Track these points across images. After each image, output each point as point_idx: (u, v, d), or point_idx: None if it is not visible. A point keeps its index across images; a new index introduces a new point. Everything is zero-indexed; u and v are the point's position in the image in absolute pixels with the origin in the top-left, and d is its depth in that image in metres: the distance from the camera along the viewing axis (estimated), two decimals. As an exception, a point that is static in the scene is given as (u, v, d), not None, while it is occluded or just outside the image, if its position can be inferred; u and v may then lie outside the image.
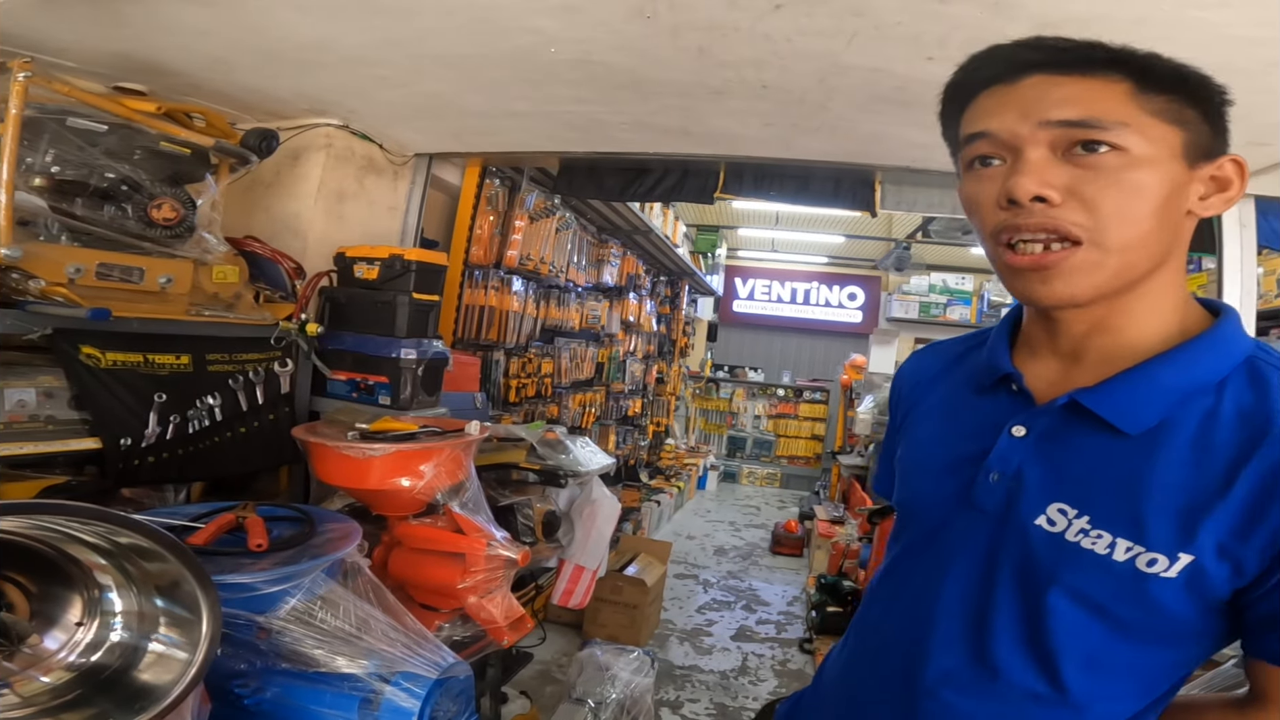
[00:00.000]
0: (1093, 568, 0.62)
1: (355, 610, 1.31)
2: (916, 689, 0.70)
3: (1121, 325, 0.66)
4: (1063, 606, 0.63)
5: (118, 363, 1.50)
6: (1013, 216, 0.62)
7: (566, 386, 4.12)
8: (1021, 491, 0.66)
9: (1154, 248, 0.62)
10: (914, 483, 0.78)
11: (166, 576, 0.91)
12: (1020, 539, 0.65)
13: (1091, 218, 0.60)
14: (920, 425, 0.81)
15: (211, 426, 1.69)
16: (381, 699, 1.24)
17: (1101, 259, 0.61)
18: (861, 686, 0.78)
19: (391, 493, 1.61)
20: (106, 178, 1.51)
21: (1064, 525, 0.64)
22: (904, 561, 0.77)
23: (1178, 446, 0.62)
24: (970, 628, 0.68)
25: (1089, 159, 0.60)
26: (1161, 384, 0.64)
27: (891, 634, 0.75)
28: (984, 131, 0.64)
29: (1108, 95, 0.60)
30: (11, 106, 1.35)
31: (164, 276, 1.65)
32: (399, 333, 2.09)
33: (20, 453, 1.29)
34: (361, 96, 2.22)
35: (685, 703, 2.80)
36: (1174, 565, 0.59)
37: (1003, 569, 0.66)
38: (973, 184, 0.66)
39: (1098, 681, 0.64)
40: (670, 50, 1.73)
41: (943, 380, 0.82)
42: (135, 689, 0.89)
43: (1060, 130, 0.60)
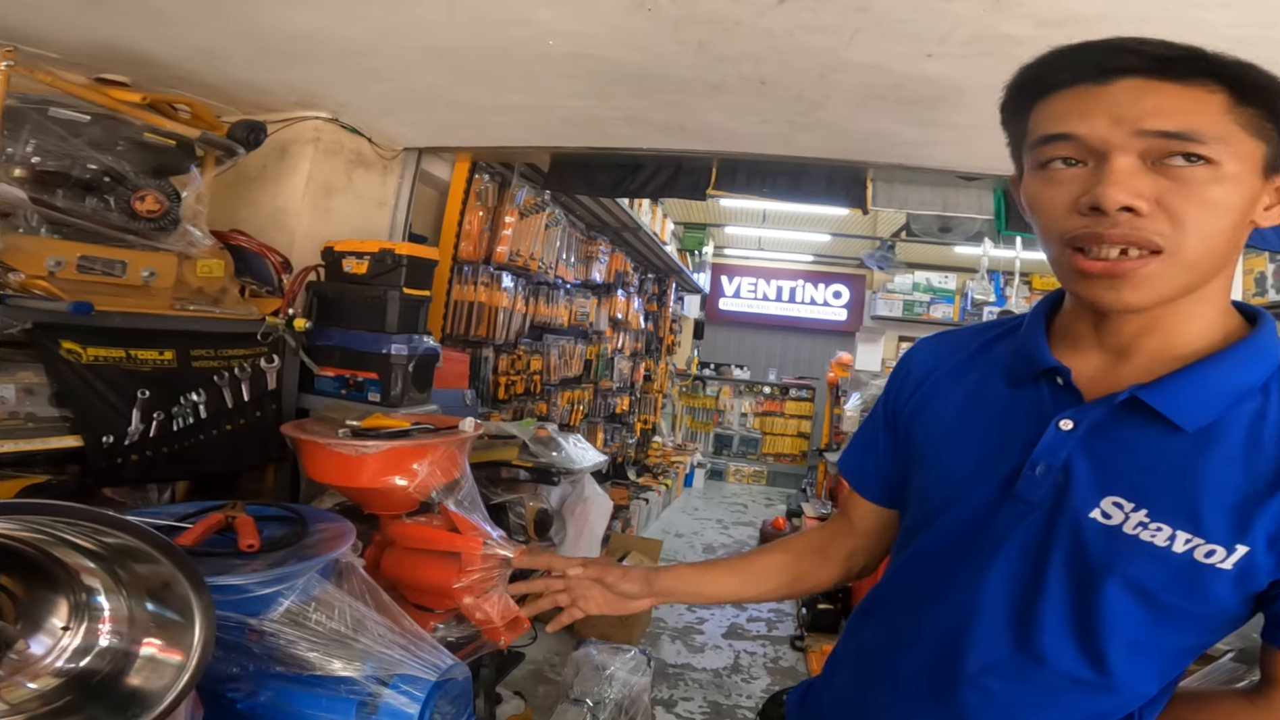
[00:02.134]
0: (1151, 559, 0.63)
1: (350, 611, 1.27)
2: (957, 677, 0.71)
3: (1174, 327, 0.67)
4: (1116, 596, 0.64)
5: (99, 358, 1.45)
6: (1094, 224, 0.61)
7: (555, 384, 4.09)
8: (1071, 485, 0.67)
9: (1221, 259, 0.63)
10: (946, 475, 0.77)
11: (157, 579, 0.87)
12: (1072, 531, 0.66)
13: (1175, 230, 0.59)
14: (945, 417, 0.79)
15: (196, 424, 1.65)
16: (380, 702, 1.21)
17: (1173, 273, 0.61)
18: (891, 675, 0.78)
19: (385, 491, 1.57)
20: (89, 169, 1.47)
21: (1121, 518, 0.65)
22: (937, 553, 0.76)
23: (1231, 445, 0.63)
24: (1016, 617, 0.69)
25: (1181, 171, 0.59)
26: (1217, 384, 0.65)
27: (927, 624, 0.75)
28: (1069, 134, 0.62)
29: (1206, 107, 0.58)
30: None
31: (147, 270, 1.60)
32: (389, 328, 2.05)
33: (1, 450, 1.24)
34: (352, 89, 2.18)
35: (679, 701, 2.79)
36: (1230, 557, 0.62)
37: (1053, 560, 0.67)
38: (1043, 185, 0.65)
39: (1137, 664, 0.66)
40: (671, 44, 1.71)
41: (968, 371, 0.80)
42: (126, 694, 0.86)
43: (1156, 141, 0.59)
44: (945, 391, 0.81)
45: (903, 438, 0.85)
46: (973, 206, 3.00)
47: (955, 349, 0.84)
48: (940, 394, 0.81)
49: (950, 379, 0.81)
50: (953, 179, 2.79)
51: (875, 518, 0.94)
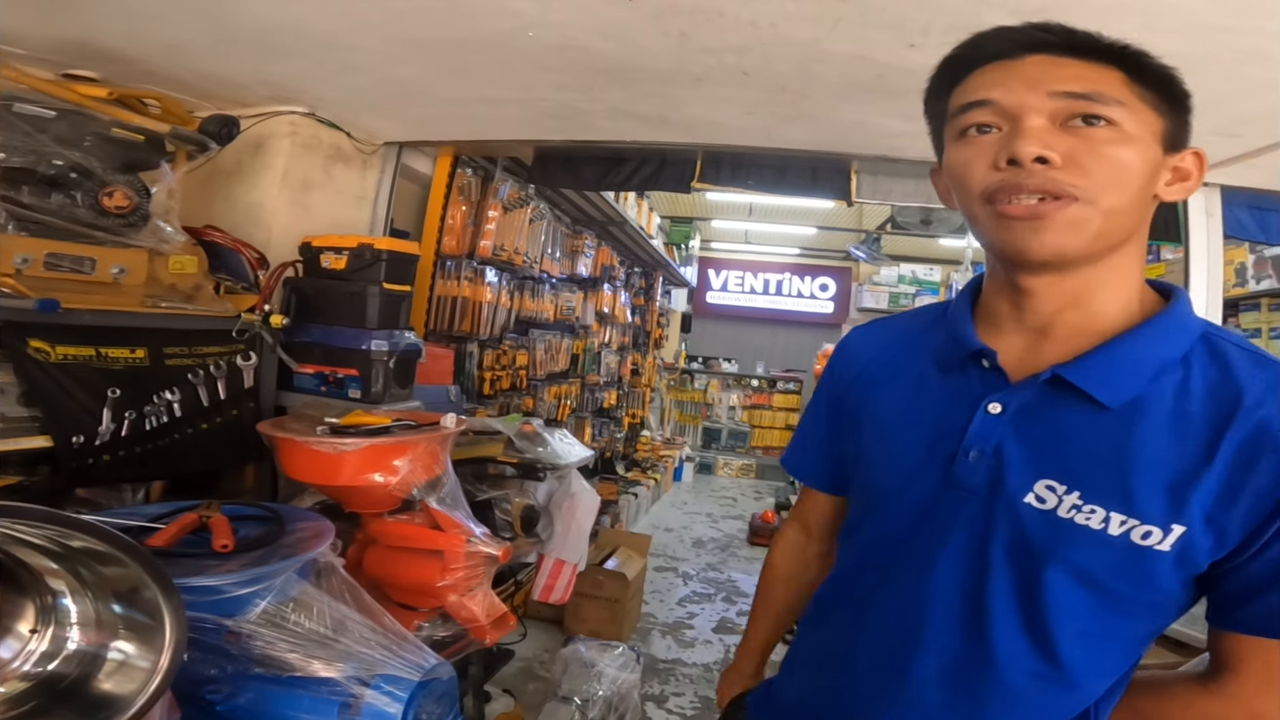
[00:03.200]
0: (1089, 543, 0.63)
1: (330, 612, 1.25)
2: (912, 673, 0.71)
3: (1091, 303, 0.68)
4: (1060, 583, 0.64)
5: (68, 357, 1.41)
6: (1012, 176, 0.64)
7: (542, 379, 4.07)
8: (1005, 469, 0.67)
9: (1131, 218, 0.66)
10: (888, 465, 0.77)
11: (124, 581, 0.85)
12: (1010, 517, 0.66)
13: (1086, 180, 0.63)
14: (887, 407, 0.80)
15: (170, 423, 1.61)
16: (362, 703, 1.19)
17: (1091, 216, 0.63)
18: (848, 672, 0.77)
19: (365, 489, 1.55)
20: (55, 165, 1.43)
21: (1054, 502, 0.65)
22: (883, 546, 0.76)
23: (1157, 419, 0.64)
24: (967, 608, 0.68)
25: (1086, 130, 0.63)
26: (1138, 358, 0.66)
27: (879, 619, 0.75)
28: (986, 100, 0.66)
29: (1107, 77, 0.64)
30: None
31: (117, 267, 1.57)
32: (369, 324, 2.02)
33: (-36, 453, 1.21)
34: (328, 83, 2.14)
35: (670, 696, 2.79)
36: (1167, 537, 0.62)
37: (995, 548, 0.67)
38: (964, 150, 0.68)
39: (1090, 654, 0.66)
40: (653, 35, 1.69)
41: (904, 359, 0.81)
42: (96, 698, 0.84)
43: (1064, 101, 0.63)
44: (884, 381, 0.81)
45: (847, 427, 0.85)
46: (956, 198, 3.00)
47: (890, 337, 0.85)
48: (880, 384, 0.82)
49: (888, 368, 0.82)
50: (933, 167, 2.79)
51: (830, 506, 0.95)
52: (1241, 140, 1.94)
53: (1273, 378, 0.63)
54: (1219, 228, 2.55)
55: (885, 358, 0.83)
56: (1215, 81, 1.57)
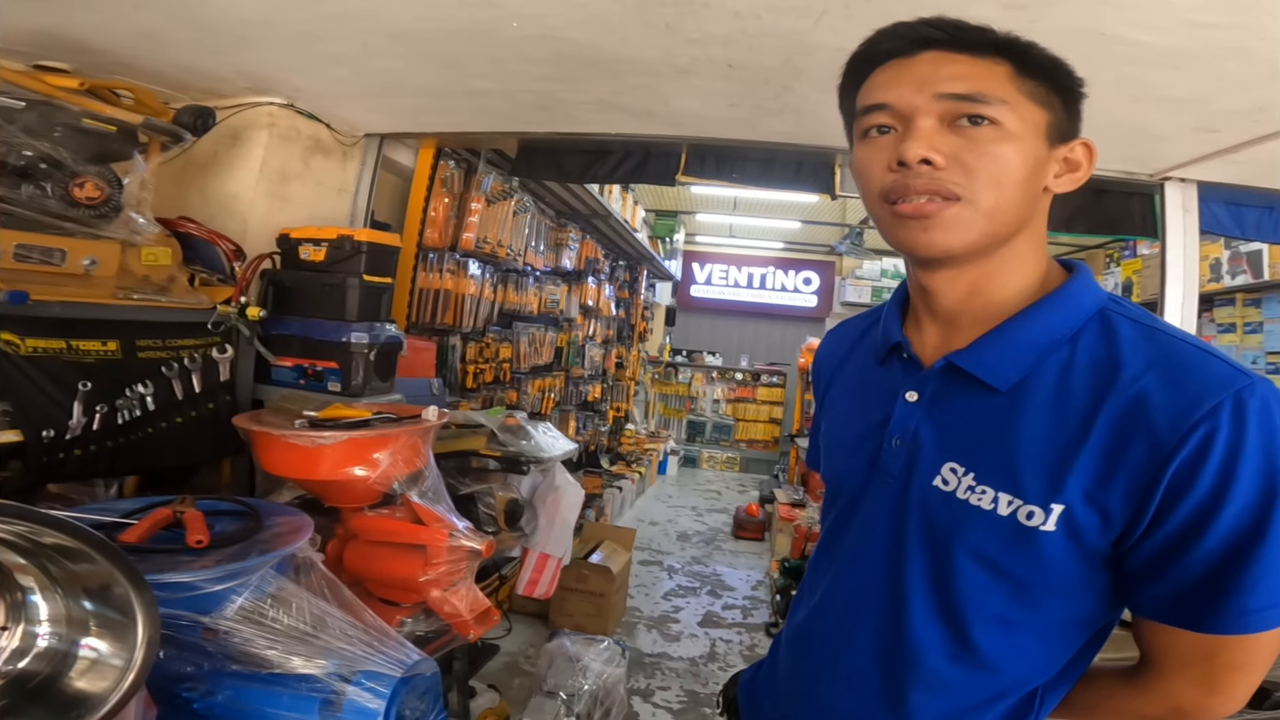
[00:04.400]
0: (982, 524, 0.65)
1: (310, 608, 1.24)
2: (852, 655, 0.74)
3: (989, 289, 0.71)
4: (965, 566, 0.66)
5: (39, 349, 1.38)
6: (902, 177, 0.66)
7: (525, 372, 4.05)
8: (919, 454, 0.71)
9: (1017, 213, 0.67)
10: (835, 456, 0.82)
11: (95, 577, 0.83)
12: (922, 500, 0.69)
13: (968, 180, 0.65)
14: (837, 401, 0.86)
15: (144, 417, 1.59)
16: (343, 700, 1.18)
17: (974, 217, 0.65)
18: (813, 654, 0.80)
19: (345, 483, 1.53)
20: (24, 155, 1.40)
21: (955, 484, 0.67)
22: (835, 533, 0.81)
23: (1040, 399, 0.66)
24: (889, 592, 0.71)
25: (971, 130, 0.65)
26: (1022, 339, 0.68)
27: (831, 604, 0.78)
28: (882, 103, 0.68)
29: (992, 75, 0.66)
30: None
31: (88, 258, 1.53)
32: (349, 316, 1.99)
33: (-71, 448, 1.18)
34: (307, 74, 2.10)
35: (656, 691, 2.79)
36: (1050, 517, 0.62)
37: (910, 532, 0.70)
38: (866, 150, 0.70)
39: (1006, 641, 0.67)
40: (638, 26, 1.68)
41: (852, 356, 0.87)
42: (68, 697, 0.82)
43: (950, 103, 0.65)
44: (838, 379, 0.87)
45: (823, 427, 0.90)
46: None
47: (846, 337, 0.90)
48: (836, 382, 0.88)
49: (841, 366, 0.87)
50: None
51: None
52: (1219, 136, 1.96)
53: (1158, 350, 0.63)
54: (1195, 223, 2.58)
55: (840, 356, 0.88)
56: (1195, 78, 1.58)
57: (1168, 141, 2.13)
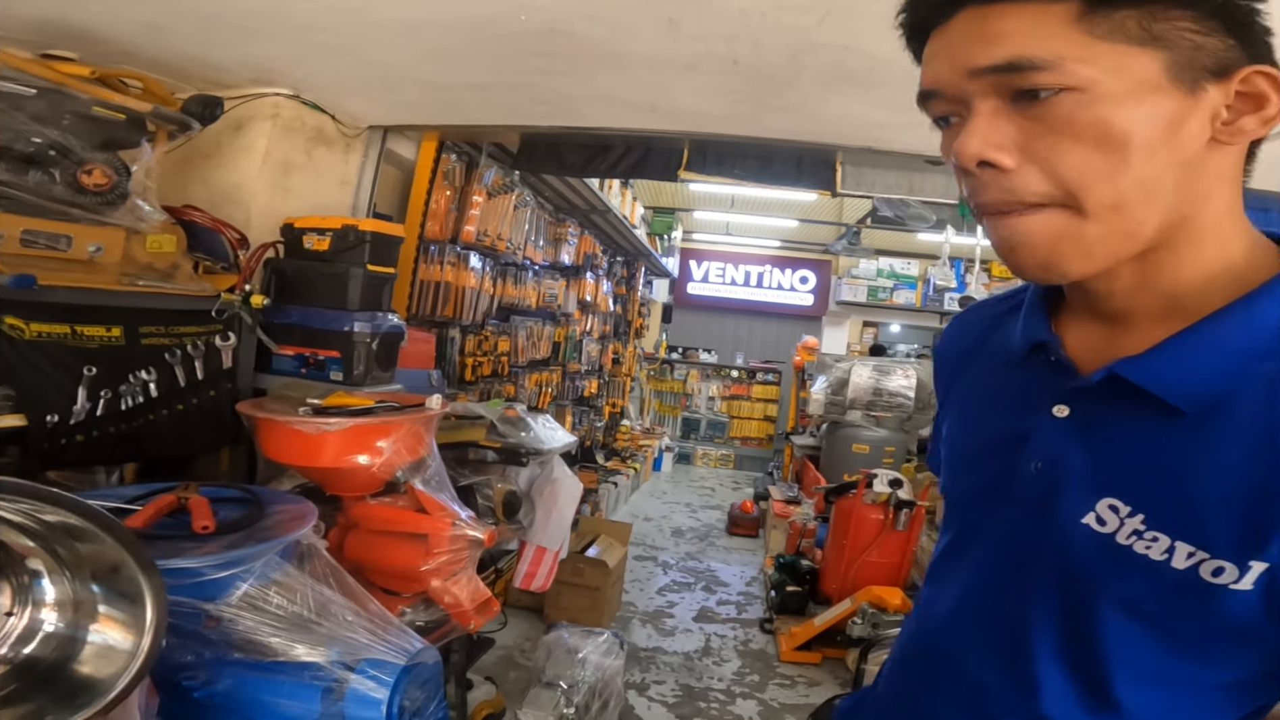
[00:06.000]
0: (1146, 575, 0.51)
1: (313, 595, 1.24)
2: (963, 697, 0.62)
3: (1165, 276, 0.52)
4: (1112, 616, 0.53)
5: (43, 334, 1.38)
6: (969, 185, 0.52)
7: (523, 366, 4.05)
8: (1064, 483, 0.56)
9: (1164, 197, 0.48)
10: (956, 471, 0.69)
11: (104, 561, 0.83)
12: (1061, 539, 0.55)
13: (1052, 183, 0.48)
14: (959, 406, 0.71)
15: (146, 403, 1.58)
16: (346, 688, 1.18)
17: (1081, 228, 0.49)
18: (913, 687, 0.70)
19: (347, 471, 1.53)
20: (33, 142, 1.40)
21: (1115, 525, 0.53)
22: (948, 559, 0.68)
23: (1240, 425, 0.49)
24: (1007, 638, 0.59)
25: (1035, 108, 0.48)
26: (1219, 346, 0.51)
27: (937, 637, 0.67)
28: (928, 91, 0.53)
29: (1046, 22, 0.47)
30: None
31: (94, 245, 1.53)
32: (351, 305, 1.99)
33: (-67, 431, 1.17)
34: (310, 65, 2.09)
35: (651, 684, 2.81)
36: (1245, 576, 0.48)
37: (1040, 573, 0.57)
38: (943, 145, 0.56)
39: (1156, 696, 0.54)
40: (644, 21, 1.69)
41: (980, 351, 0.70)
42: (75, 683, 0.82)
43: (993, 78, 0.48)
44: (962, 379, 0.72)
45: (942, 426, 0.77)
46: (939, 190, 3.03)
47: (972, 328, 0.74)
48: (959, 383, 0.72)
49: (966, 364, 0.71)
50: (919, 163, 2.82)
51: None
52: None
53: None
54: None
55: (965, 351, 0.72)
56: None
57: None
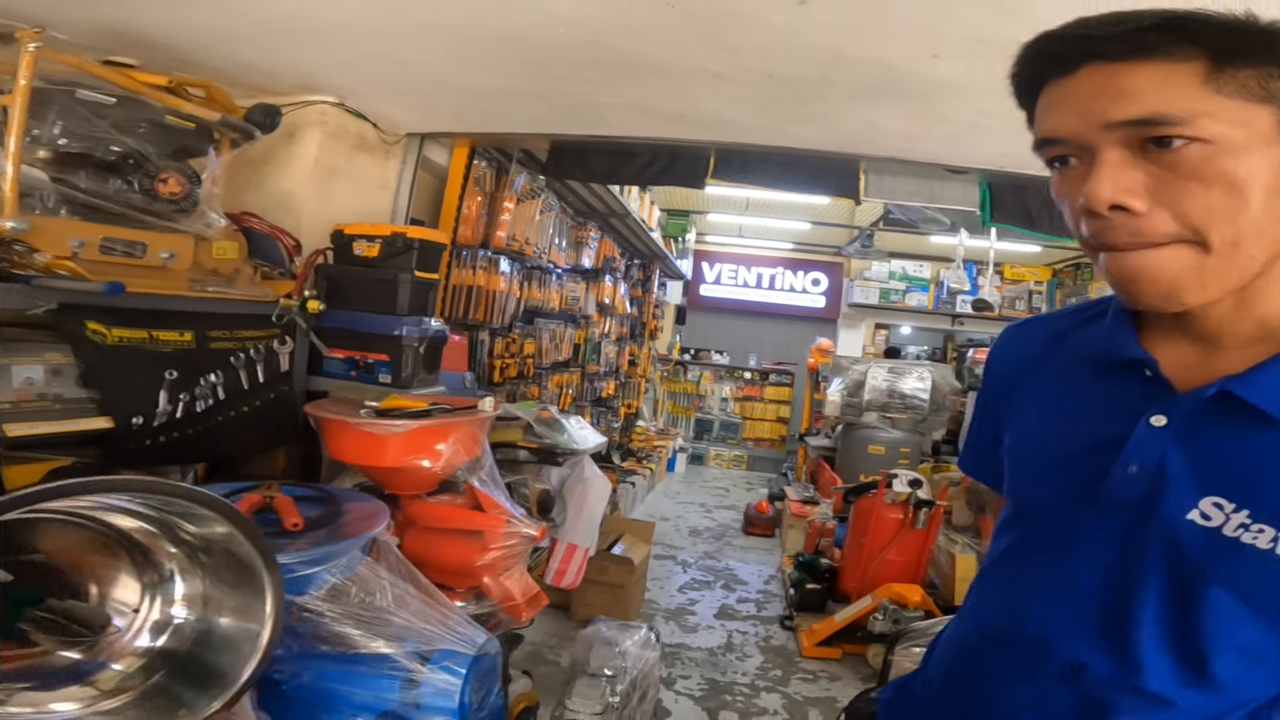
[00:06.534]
0: (1254, 562, 0.58)
1: (390, 589, 1.31)
2: (1052, 679, 0.68)
3: (1263, 303, 0.59)
4: (1218, 599, 0.60)
5: (124, 339, 1.44)
6: (1096, 226, 0.57)
7: (546, 367, 4.11)
8: (1166, 484, 0.62)
9: (1272, 234, 0.55)
10: (1031, 473, 0.74)
11: (233, 558, 0.90)
12: (1169, 534, 0.62)
13: (1180, 224, 0.54)
14: (1030, 411, 0.75)
15: (215, 406, 1.65)
16: (422, 679, 1.24)
17: (1203, 262, 0.55)
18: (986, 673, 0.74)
19: (409, 471, 1.60)
20: (113, 151, 1.46)
21: (1221, 520, 0.59)
22: (1022, 552, 0.73)
23: None
24: (1108, 623, 0.65)
25: (1166, 156, 0.53)
26: None
27: (1023, 627, 0.71)
28: (1053, 138, 0.59)
29: (1177, 81, 0.52)
30: (20, 77, 1.30)
31: (166, 252, 1.60)
32: (400, 310, 2.06)
33: (34, 433, 1.24)
34: (358, 73, 2.16)
35: (678, 679, 2.87)
36: None
37: (1147, 564, 0.63)
38: (1057, 184, 0.62)
39: (1247, 669, 0.62)
40: (683, 36, 1.74)
41: (1050, 361, 0.75)
42: (207, 672, 0.88)
43: (1128, 131, 0.54)
44: (1029, 385, 0.77)
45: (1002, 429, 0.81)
46: (958, 198, 3.09)
47: (1037, 339, 0.79)
48: (1026, 389, 0.77)
49: (1033, 372, 0.77)
50: (940, 171, 2.87)
51: None
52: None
53: None
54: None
55: (1031, 359, 0.78)
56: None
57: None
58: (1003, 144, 2.46)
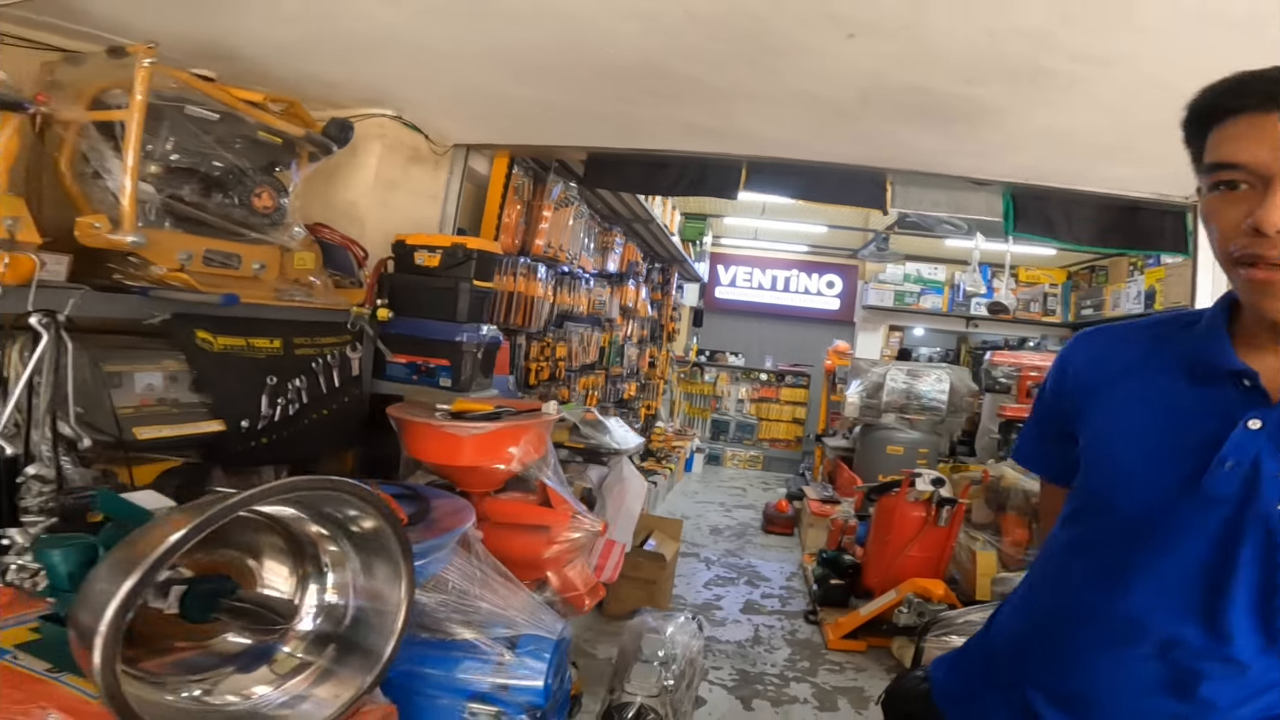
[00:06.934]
0: None
1: (479, 579, 1.41)
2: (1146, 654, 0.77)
3: None
4: None
5: (228, 347, 1.56)
6: (1256, 244, 0.67)
7: (576, 370, 4.22)
8: (1261, 480, 0.72)
9: None
10: (1118, 468, 0.82)
11: (379, 549, 1.00)
12: (1263, 524, 0.72)
13: None
14: (1118, 412, 0.84)
15: (300, 409, 1.76)
16: (511, 663, 1.35)
17: None
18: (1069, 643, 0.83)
19: (484, 469, 1.71)
20: (216, 166, 1.55)
21: None
22: (1106, 543, 0.82)
23: None
24: (1205, 602, 0.74)
25: None
26: None
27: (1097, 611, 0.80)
28: (1236, 163, 0.68)
29: None
30: (136, 93, 1.35)
31: (258, 263, 1.70)
32: (460, 318, 2.17)
33: (159, 435, 1.35)
34: (418, 87, 2.25)
35: (710, 670, 2.97)
36: None
37: (1244, 551, 0.72)
38: (1217, 203, 0.71)
39: None
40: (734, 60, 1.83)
41: (1140, 368, 0.84)
42: (365, 650, 0.98)
43: None
44: (1116, 387, 0.85)
45: (1070, 429, 0.90)
46: (982, 209, 3.18)
47: (1122, 345, 0.88)
48: (1111, 389, 0.85)
49: (1121, 375, 0.85)
50: (965, 183, 2.97)
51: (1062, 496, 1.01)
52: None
53: None
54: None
55: (1117, 365, 0.86)
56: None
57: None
58: (1029, 158, 2.56)
